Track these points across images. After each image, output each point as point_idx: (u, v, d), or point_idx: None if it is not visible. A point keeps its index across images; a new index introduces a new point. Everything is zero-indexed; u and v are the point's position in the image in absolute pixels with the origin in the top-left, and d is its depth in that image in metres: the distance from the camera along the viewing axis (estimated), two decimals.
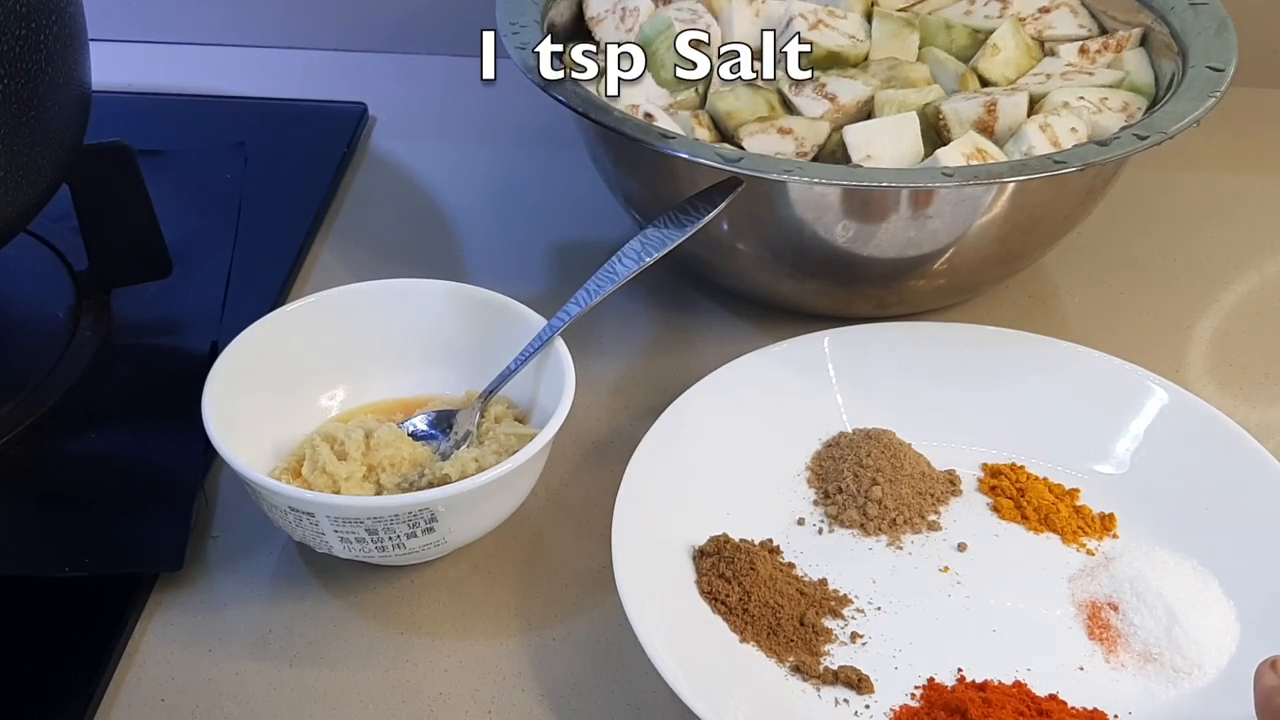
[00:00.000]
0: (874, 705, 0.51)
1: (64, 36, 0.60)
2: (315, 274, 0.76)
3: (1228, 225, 0.80)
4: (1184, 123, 0.63)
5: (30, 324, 0.70)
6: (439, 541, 0.54)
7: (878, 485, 0.59)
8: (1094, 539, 0.58)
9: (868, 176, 0.61)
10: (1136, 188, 0.81)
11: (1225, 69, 0.67)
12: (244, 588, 0.57)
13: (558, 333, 0.59)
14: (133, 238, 0.68)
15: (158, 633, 0.55)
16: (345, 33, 0.97)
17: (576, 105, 0.64)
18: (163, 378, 0.67)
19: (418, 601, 0.57)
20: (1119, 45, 0.74)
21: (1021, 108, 0.68)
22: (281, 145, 0.85)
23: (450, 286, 0.63)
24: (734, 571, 0.55)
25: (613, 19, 0.76)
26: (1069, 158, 0.60)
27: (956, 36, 0.75)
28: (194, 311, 0.70)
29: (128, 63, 0.94)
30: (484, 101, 0.91)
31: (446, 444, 0.59)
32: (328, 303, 0.62)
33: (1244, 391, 0.68)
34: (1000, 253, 0.67)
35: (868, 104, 0.69)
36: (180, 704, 0.52)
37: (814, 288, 0.68)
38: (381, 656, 0.54)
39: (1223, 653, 0.53)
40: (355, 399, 0.62)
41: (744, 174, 0.60)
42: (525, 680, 0.53)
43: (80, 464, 0.62)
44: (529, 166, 0.85)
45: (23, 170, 0.59)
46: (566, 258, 0.77)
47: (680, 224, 0.61)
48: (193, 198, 0.78)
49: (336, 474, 0.56)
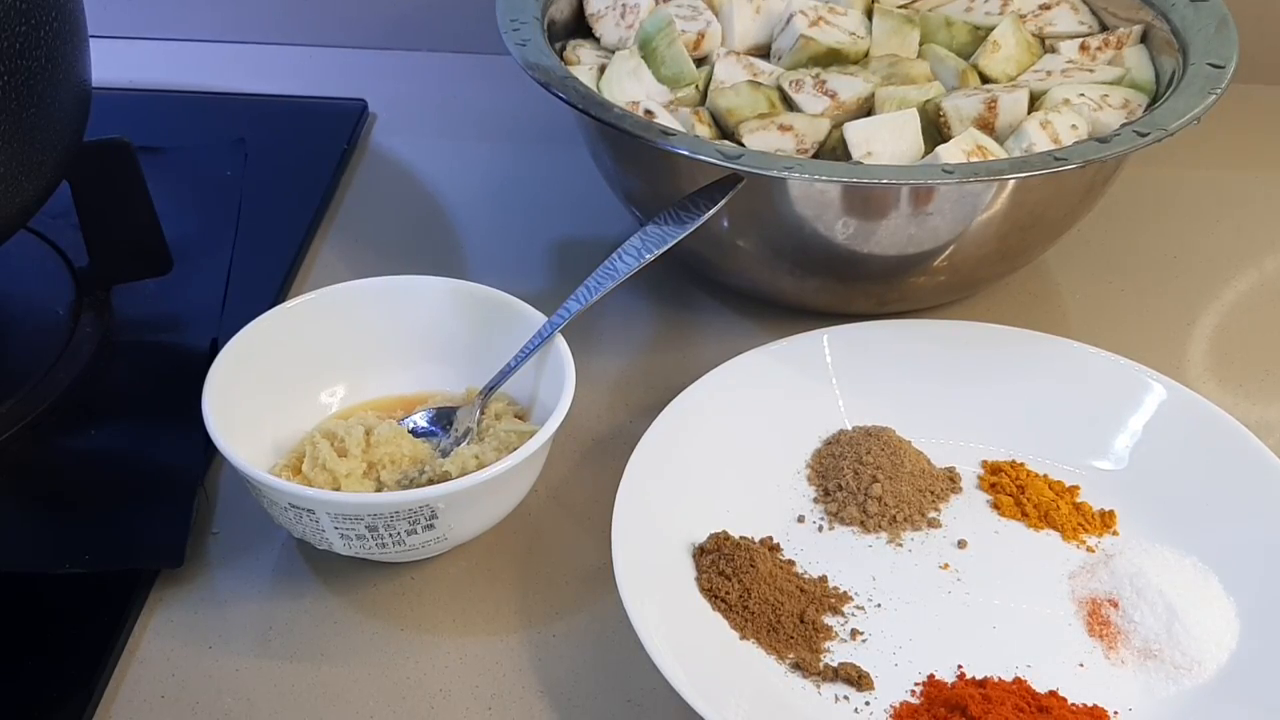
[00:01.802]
0: (874, 702, 0.52)
1: (64, 33, 0.59)
2: (315, 271, 0.76)
3: (1228, 222, 0.80)
4: (1184, 120, 0.63)
5: (30, 321, 0.70)
6: (439, 538, 0.54)
7: (877, 482, 0.59)
8: (1094, 536, 0.58)
9: (868, 173, 0.61)
10: (1137, 185, 0.81)
11: (1226, 66, 0.67)
12: (244, 584, 0.57)
13: (558, 330, 0.59)
14: (133, 235, 0.68)
15: (158, 629, 0.55)
16: (345, 30, 0.97)
17: (576, 102, 0.64)
18: (163, 374, 0.67)
19: (418, 598, 0.57)
20: (1119, 42, 0.74)
21: (1022, 105, 0.68)
22: (282, 142, 0.85)
23: (450, 283, 0.63)
24: (734, 569, 0.55)
25: (613, 16, 0.76)
26: (1069, 155, 0.60)
27: (957, 33, 0.75)
28: (194, 308, 0.70)
29: (128, 59, 0.94)
30: (484, 98, 0.91)
31: (447, 441, 0.59)
32: (328, 300, 0.62)
33: (1244, 388, 0.68)
34: (1001, 250, 0.67)
35: (868, 101, 0.69)
36: (181, 701, 0.52)
37: (814, 285, 0.68)
38: (382, 653, 0.55)
39: (1223, 649, 0.53)
40: (355, 396, 0.62)
41: (744, 171, 0.60)
42: (525, 677, 0.53)
43: (80, 461, 0.62)
44: (529, 163, 0.85)
45: (23, 167, 0.59)
46: (566, 255, 0.77)
47: (680, 221, 0.61)
48: (193, 195, 0.78)
49: (337, 471, 0.56)
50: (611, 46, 0.75)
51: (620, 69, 0.71)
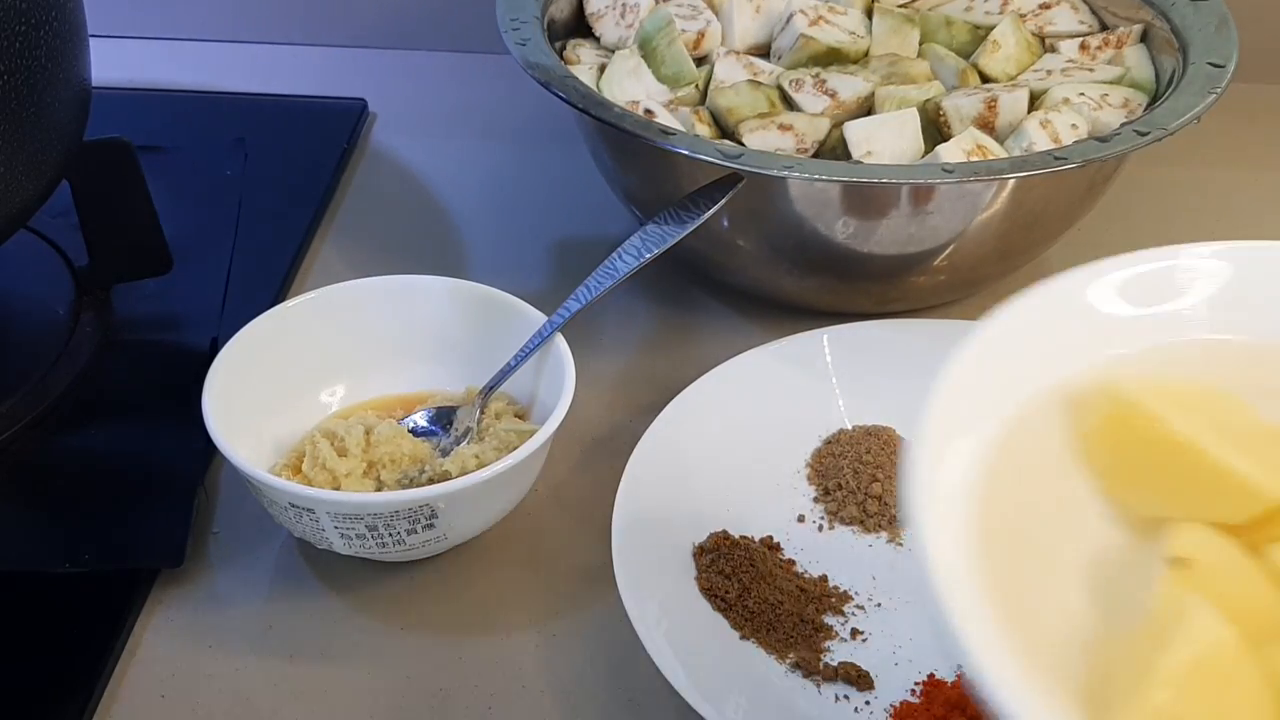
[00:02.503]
0: (874, 701, 0.51)
1: (64, 32, 0.59)
2: (315, 270, 0.76)
3: (1228, 221, 0.80)
4: (1184, 119, 0.63)
5: (30, 320, 0.70)
6: (439, 538, 0.54)
7: (877, 482, 0.59)
8: None
9: (868, 173, 0.61)
10: (1137, 184, 0.80)
11: (1226, 65, 0.67)
12: (244, 584, 0.57)
13: (558, 329, 0.59)
14: (133, 234, 0.68)
15: (158, 629, 0.55)
16: (345, 29, 0.97)
17: (577, 101, 0.64)
18: (163, 374, 0.67)
19: (418, 598, 0.57)
20: (1119, 41, 0.74)
21: (1022, 104, 0.68)
22: (282, 141, 0.85)
23: (450, 283, 0.63)
24: (733, 568, 0.55)
25: (613, 15, 0.76)
26: (1069, 154, 0.60)
27: (957, 33, 0.75)
28: (194, 308, 0.70)
29: (128, 59, 0.94)
30: (484, 98, 0.91)
31: (447, 440, 0.59)
32: (328, 299, 0.62)
33: None
34: (1001, 249, 0.67)
35: (868, 100, 0.69)
36: (180, 700, 0.52)
37: (814, 284, 0.68)
38: (382, 652, 0.55)
39: None
40: (355, 395, 0.62)
41: (744, 170, 0.60)
42: (526, 676, 0.53)
43: (80, 460, 0.62)
44: (529, 163, 0.85)
45: (23, 166, 0.59)
46: (566, 254, 0.77)
47: (680, 220, 0.61)
48: (193, 194, 0.78)
49: (337, 470, 0.56)
50: (611, 46, 0.75)
51: (620, 68, 0.71)
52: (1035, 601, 0.37)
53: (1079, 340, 0.42)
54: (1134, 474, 0.40)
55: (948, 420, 0.39)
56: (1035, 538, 0.39)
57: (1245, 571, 0.38)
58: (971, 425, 0.40)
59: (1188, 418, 0.39)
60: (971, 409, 0.40)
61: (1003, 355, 0.41)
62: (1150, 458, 0.40)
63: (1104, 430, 0.41)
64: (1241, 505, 0.38)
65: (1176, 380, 0.41)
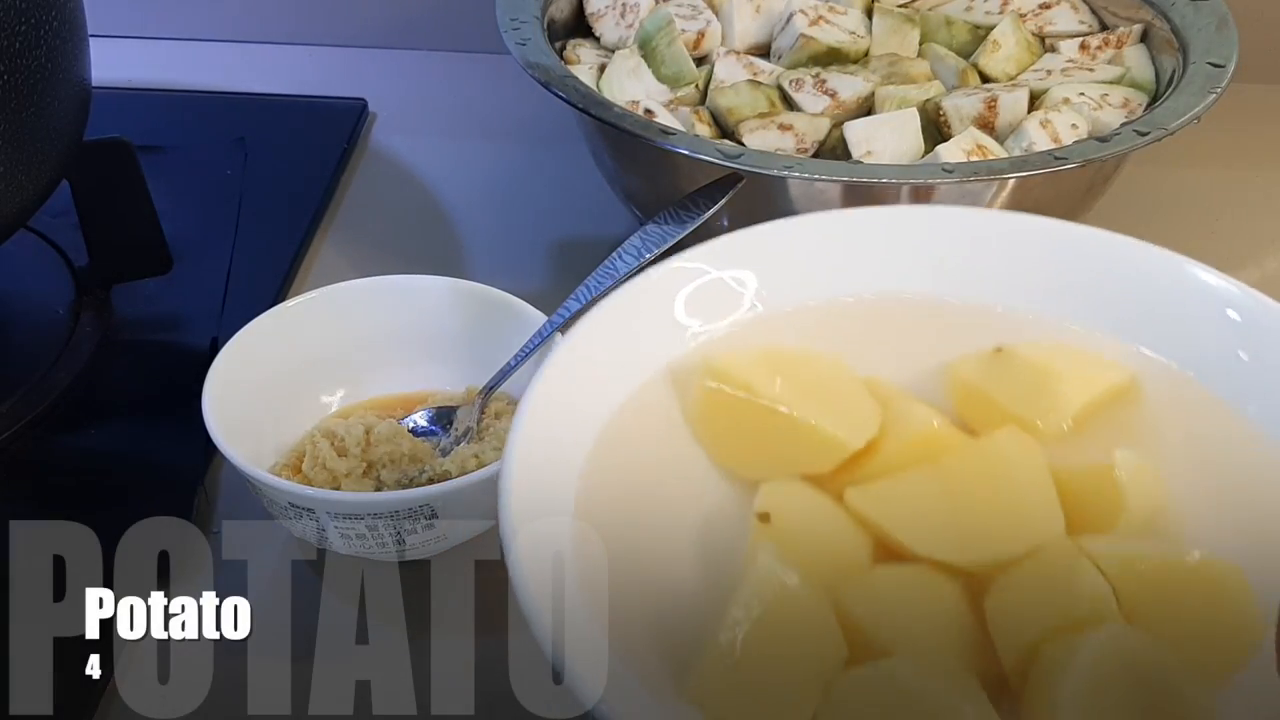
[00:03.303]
0: None
1: (64, 32, 0.59)
2: (315, 270, 0.76)
3: (1228, 221, 0.80)
4: (1184, 119, 0.63)
5: (30, 320, 0.70)
6: (439, 537, 0.54)
7: None
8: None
9: (868, 173, 0.61)
10: (1137, 184, 0.80)
11: (1226, 65, 0.67)
12: (244, 584, 0.57)
13: (558, 329, 0.59)
14: (133, 234, 0.68)
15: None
16: (345, 29, 0.97)
17: (576, 101, 0.64)
18: (163, 374, 0.67)
19: (418, 598, 0.57)
20: (1119, 41, 0.74)
21: (1022, 104, 0.68)
22: (282, 141, 0.85)
23: (450, 283, 0.63)
24: None
25: (613, 15, 0.76)
26: (1069, 154, 0.60)
27: (957, 32, 0.75)
28: (194, 308, 0.70)
29: (128, 59, 0.94)
30: (484, 97, 0.91)
31: (446, 440, 0.59)
32: (328, 299, 0.62)
33: None
34: None
35: (868, 100, 0.69)
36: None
37: None
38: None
39: None
40: (355, 395, 0.62)
41: (744, 170, 0.60)
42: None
43: (80, 460, 0.62)
44: (529, 162, 0.85)
45: (23, 166, 0.59)
46: (567, 254, 0.77)
47: (680, 220, 0.61)
48: (193, 194, 0.78)
49: (336, 470, 0.56)
50: (611, 46, 0.75)
51: (620, 68, 0.71)
52: (650, 573, 0.41)
53: (665, 333, 0.48)
54: (732, 440, 0.44)
55: (540, 433, 0.43)
56: (656, 507, 0.43)
57: (827, 519, 0.41)
58: (575, 424, 0.44)
59: (773, 382, 0.43)
60: (566, 416, 0.44)
61: (601, 350, 0.46)
62: (742, 424, 0.44)
63: (703, 403, 0.45)
64: (824, 457, 0.43)
65: (764, 348, 0.46)
